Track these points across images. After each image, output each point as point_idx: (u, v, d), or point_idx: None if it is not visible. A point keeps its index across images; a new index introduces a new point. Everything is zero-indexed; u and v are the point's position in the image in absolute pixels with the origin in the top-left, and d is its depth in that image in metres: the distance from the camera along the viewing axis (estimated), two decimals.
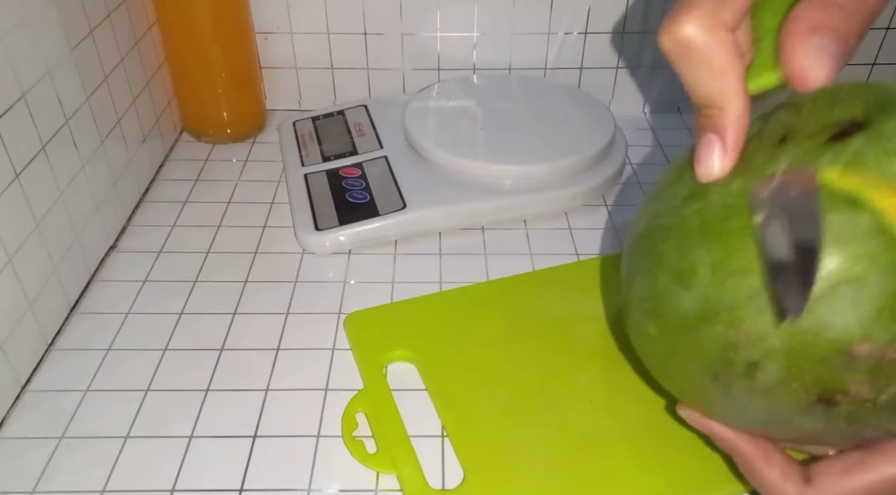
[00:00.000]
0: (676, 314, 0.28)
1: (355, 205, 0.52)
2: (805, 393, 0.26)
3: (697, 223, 0.28)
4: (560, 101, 0.61)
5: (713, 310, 0.27)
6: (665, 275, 0.28)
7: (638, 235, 0.31)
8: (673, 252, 0.28)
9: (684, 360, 0.29)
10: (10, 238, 0.39)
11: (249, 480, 0.35)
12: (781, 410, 0.27)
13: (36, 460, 0.36)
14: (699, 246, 0.27)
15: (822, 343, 0.24)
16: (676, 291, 0.28)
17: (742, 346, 0.26)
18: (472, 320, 0.44)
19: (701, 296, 0.27)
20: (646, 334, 0.31)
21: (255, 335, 0.44)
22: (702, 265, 0.27)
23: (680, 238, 0.28)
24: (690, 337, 0.28)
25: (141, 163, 0.56)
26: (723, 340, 0.27)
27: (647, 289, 0.30)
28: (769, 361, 0.26)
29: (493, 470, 0.35)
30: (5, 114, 0.38)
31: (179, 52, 0.60)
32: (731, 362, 0.27)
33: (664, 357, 0.30)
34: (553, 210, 0.54)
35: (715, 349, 0.27)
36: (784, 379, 0.26)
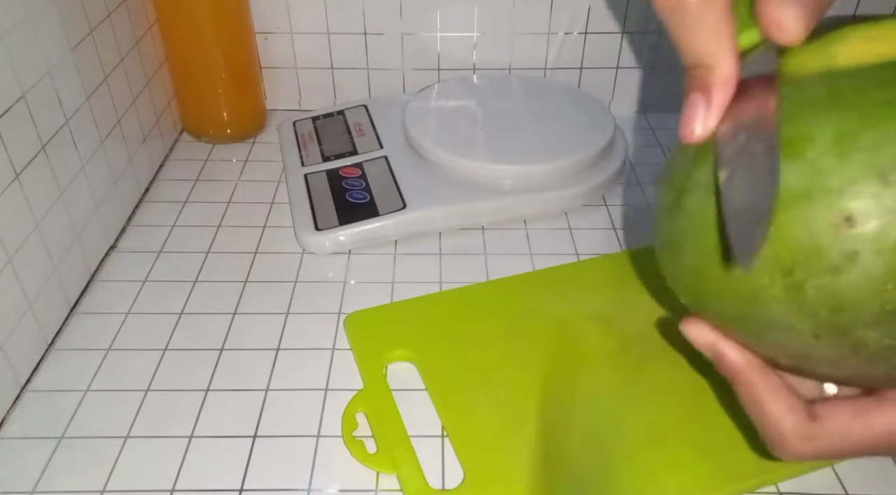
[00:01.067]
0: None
1: (355, 205, 0.52)
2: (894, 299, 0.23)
3: (824, 93, 0.24)
4: (560, 101, 0.61)
5: (823, 184, 0.23)
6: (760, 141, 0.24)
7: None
8: (783, 120, 0.24)
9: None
10: (10, 238, 0.39)
11: (249, 480, 0.36)
12: (850, 318, 0.24)
13: (36, 460, 0.36)
14: (824, 113, 0.24)
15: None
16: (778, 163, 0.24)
17: (846, 232, 0.23)
18: (472, 320, 0.44)
19: (812, 167, 0.23)
20: (706, 221, 0.26)
21: (255, 335, 0.44)
22: (822, 133, 0.23)
23: (793, 107, 0.25)
24: (780, 217, 0.24)
25: (141, 163, 0.56)
26: (821, 223, 0.23)
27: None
28: (873, 254, 0.23)
29: (493, 470, 0.35)
30: (5, 114, 0.38)
31: (179, 52, 0.60)
32: (821, 251, 0.23)
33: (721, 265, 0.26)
34: (553, 210, 0.54)
35: (804, 235, 0.23)
36: (881, 278, 0.23)
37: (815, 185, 0.23)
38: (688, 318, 0.29)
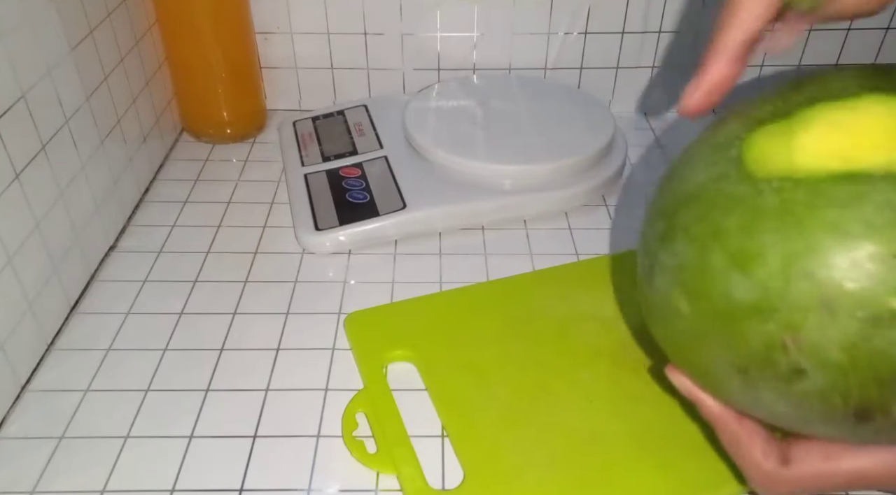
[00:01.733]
0: (724, 298, 0.25)
1: (355, 205, 0.52)
2: (843, 407, 0.24)
3: (778, 205, 0.24)
4: (560, 101, 0.61)
5: (772, 305, 0.24)
6: (720, 251, 0.25)
7: (685, 193, 0.28)
8: (737, 229, 0.25)
9: (713, 346, 0.26)
10: (10, 238, 0.39)
11: (249, 480, 0.35)
12: (805, 414, 0.26)
13: (36, 460, 0.36)
14: (774, 232, 0.24)
15: (889, 367, 0.23)
16: (730, 274, 0.25)
17: (794, 351, 0.24)
18: (472, 320, 0.44)
19: (761, 287, 0.24)
20: (673, 308, 0.28)
21: (255, 335, 0.44)
22: (772, 254, 0.24)
23: (750, 215, 0.25)
24: (734, 326, 0.25)
25: (141, 163, 0.56)
26: (771, 339, 0.24)
27: (691, 259, 0.26)
28: (819, 371, 0.24)
29: (493, 470, 0.35)
30: (5, 114, 0.38)
31: (179, 52, 0.60)
32: (774, 363, 0.25)
33: (687, 336, 0.28)
34: (553, 210, 0.54)
35: (759, 345, 0.25)
36: (828, 390, 0.24)
37: (765, 305, 0.24)
38: (671, 367, 0.31)
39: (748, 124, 0.27)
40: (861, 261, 0.23)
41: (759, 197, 0.25)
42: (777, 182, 0.25)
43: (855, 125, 0.24)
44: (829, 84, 0.27)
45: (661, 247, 0.28)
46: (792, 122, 0.26)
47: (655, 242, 0.29)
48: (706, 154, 0.28)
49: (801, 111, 0.26)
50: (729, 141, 0.27)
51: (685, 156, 0.30)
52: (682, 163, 0.29)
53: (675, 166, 0.30)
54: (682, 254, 0.27)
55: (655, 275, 0.29)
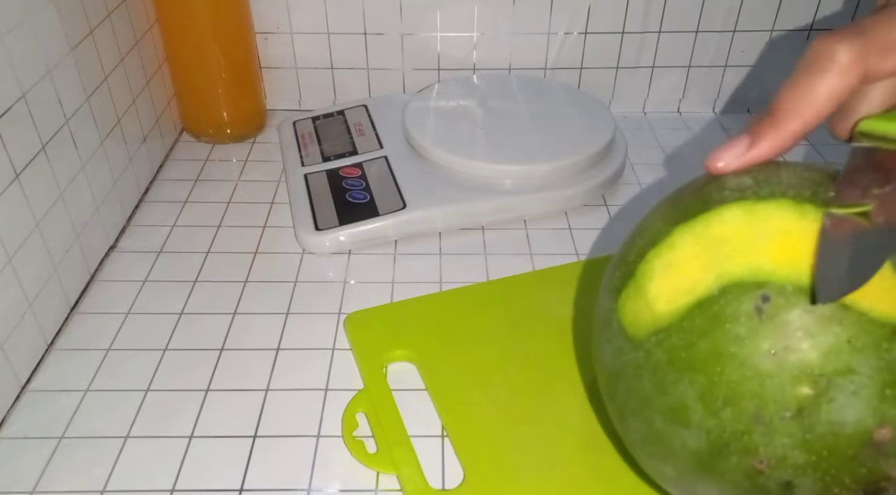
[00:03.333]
0: (686, 452, 0.26)
1: (355, 205, 0.52)
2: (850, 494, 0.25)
3: (665, 356, 0.26)
4: (560, 101, 0.61)
5: (721, 442, 0.25)
6: (657, 415, 0.27)
7: (609, 374, 0.30)
8: (654, 390, 0.27)
9: (712, 491, 0.27)
10: (10, 238, 0.39)
11: (249, 480, 0.36)
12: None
13: (36, 460, 0.36)
14: (678, 380, 0.26)
15: (844, 442, 0.23)
16: (676, 430, 0.26)
17: (768, 470, 0.25)
18: (472, 320, 0.44)
19: (703, 430, 0.25)
20: (662, 475, 0.29)
21: (255, 335, 0.44)
22: (690, 400, 0.25)
23: (653, 374, 0.27)
24: (712, 471, 0.26)
25: (141, 163, 0.56)
26: (745, 469, 0.25)
27: (645, 431, 0.28)
28: (802, 477, 0.24)
29: (493, 469, 0.35)
30: (5, 114, 0.38)
31: (179, 52, 0.60)
32: (764, 488, 0.25)
33: (688, 488, 0.28)
34: (553, 210, 0.54)
35: (741, 478, 0.25)
36: (824, 488, 0.24)
37: (717, 444, 0.25)
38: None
39: (612, 295, 0.29)
40: (754, 372, 0.24)
41: (650, 356, 0.27)
42: (654, 337, 0.26)
43: (678, 259, 0.26)
44: (647, 231, 0.29)
45: (623, 428, 0.30)
46: (637, 279, 0.28)
47: (618, 424, 0.30)
48: (600, 334, 0.30)
49: (639, 268, 0.28)
50: (607, 317, 0.29)
51: (592, 340, 0.32)
52: (594, 346, 0.31)
53: (592, 350, 0.32)
54: (637, 429, 0.28)
55: (635, 450, 0.30)
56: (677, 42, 0.65)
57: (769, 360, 0.24)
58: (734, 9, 0.63)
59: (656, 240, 0.28)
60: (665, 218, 0.28)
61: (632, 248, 0.29)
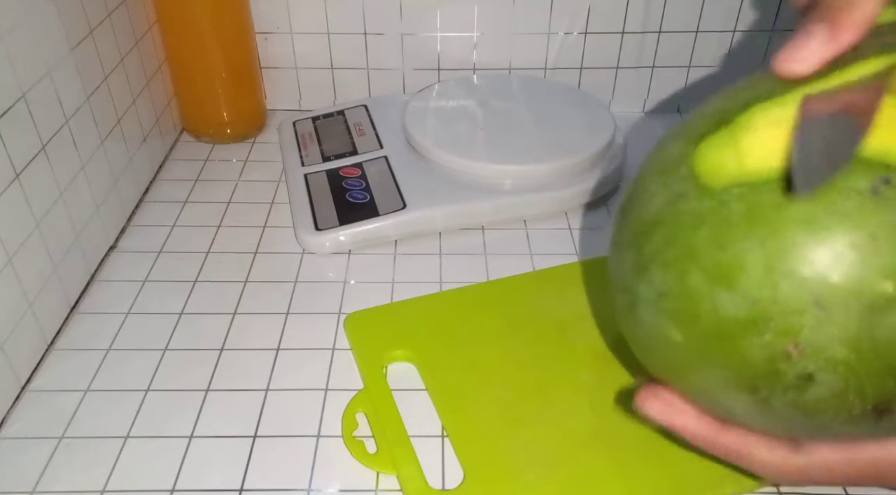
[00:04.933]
0: (713, 318, 0.24)
1: (355, 205, 0.52)
2: (860, 403, 0.24)
3: (745, 211, 0.24)
4: (560, 101, 0.61)
5: (764, 315, 0.23)
6: (697, 270, 0.24)
7: (647, 221, 0.27)
8: (709, 243, 0.24)
9: (715, 369, 0.26)
10: (10, 238, 0.39)
11: (249, 480, 0.36)
12: (824, 420, 0.25)
13: (36, 460, 0.36)
14: (747, 237, 0.23)
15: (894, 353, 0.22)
16: (714, 291, 0.24)
17: (797, 357, 0.23)
18: (472, 320, 0.44)
19: (748, 298, 0.23)
20: (664, 338, 0.27)
21: (255, 335, 0.44)
22: (752, 262, 0.23)
23: (719, 227, 0.24)
24: (730, 345, 0.24)
25: (141, 163, 0.56)
26: (773, 350, 0.24)
27: (671, 285, 0.26)
28: (828, 372, 0.23)
29: (493, 470, 0.35)
30: (5, 114, 0.38)
31: (179, 52, 0.60)
32: (779, 373, 0.24)
33: (685, 364, 0.27)
34: (553, 210, 0.54)
35: (760, 359, 0.24)
36: (841, 389, 0.23)
37: (758, 316, 0.24)
38: (640, 398, 0.29)
39: (691, 141, 0.27)
40: (841, 251, 0.22)
41: (723, 208, 0.24)
42: (737, 189, 0.24)
43: (790, 119, 0.24)
44: (756, 87, 0.26)
45: (637, 280, 0.27)
46: (733, 128, 0.25)
47: (630, 275, 0.28)
48: (656, 179, 0.27)
49: (738, 117, 0.25)
50: (676, 161, 0.27)
51: (635, 188, 0.29)
52: (634, 194, 0.29)
53: (628, 198, 0.29)
54: (661, 282, 0.26)
55: (638, 308, 0.28)
56: (677, 42, 0.65)
57: (862, 249, 0.22)
58: (734, 9, 0.63)
59: (768, 96, 0.25)
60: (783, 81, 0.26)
61: (732, 99, 0.26)
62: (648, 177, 0.28)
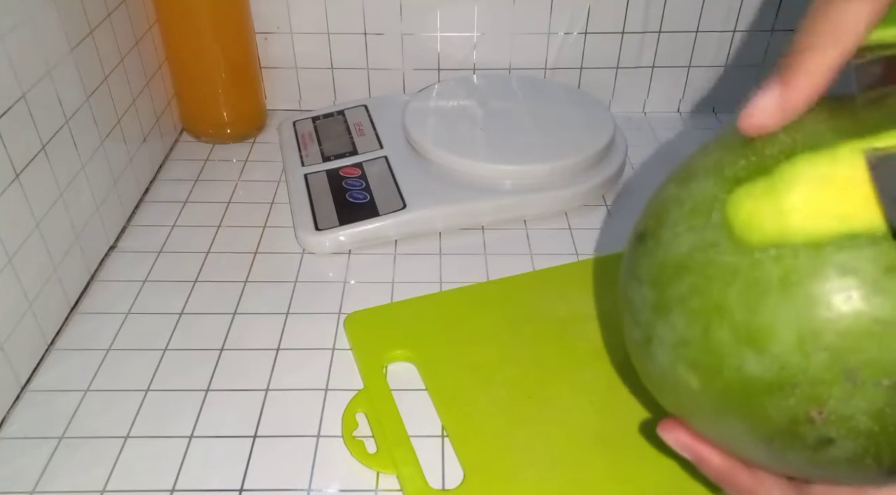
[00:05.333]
0: (737, 375, 0.24)
1: (355, 205, 0.52)
2: (876, 467, 0.23)
3: (780, 275, 0.23)
4: (560, 101, 0.61)
5: (792, 381, 0.23)
6: (725, 327, 0.24)
7: (672, 262, 0.26)
8: (739, 303, 0.23)
9: (730, 419, 0.25)
10: (10, 238, 0.39)
11: (249, 480, 0.36)
12: (834, 473, 0.25)
13: (36, 460, 0.36)
14: (782, 306, 0.22)
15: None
16: (741, 350, 0.23)
17: (820, 423, 0.23)
18: (472, 320, 0.44)
19: (777, 363, 0.23)
20: (681, 383, 0.26)
21: (255, 335, 0.44)
22: (784, 329, 0.22)
23: (751, 288, 0.23)
24: (752, 402, 0.24)
25: (141, 163, 0.56)
26: (796, 413, 0.23)
27: (693, 335, 0.25)
28: (848, 440, 0.23)
29: (493, 470, 0.35)
30: (5, 114, 0.38)
31: (179, 52, 0.60)
32: (800, 435, 0.23)
33: (700, 408, 0.26)
34: (553, 210, 0.54)
35: (783, 420, 0.23)
36: (859, 455, 0.23)
37: (785, 381, 0.23)
38: (665, 424, 0.29)
39: (725, 183, 0.25)
40: (882, 328, 0.22)
41: (757, 268, 0.23)
42: (774, 250, 0.23)
43: (842, 178, 0.23)
44: (802, 131, 0.24)
45: (657, 319, 0.26)
46: (774, 179, 0.24)
47: (648, 313, 0.27)
48: (685, 217, 0.26)
49: (780, 168, 0.24)
50: (708, 203, 0.25)
51: (658, 217, 0.27)
52: (658, 225, 0.27)
53: (650, 227, 0.28)
54: (683, 329, 0.25)
55: (653, 346, 0.27)
56: (677, 42, 0.65)
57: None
58: (734, 9, 0.63)
59: (815, 146, 0.23)
60: (831, 124, 0.24)
61: (774, 142, 0.25)
62: (675, 212, 0.26)
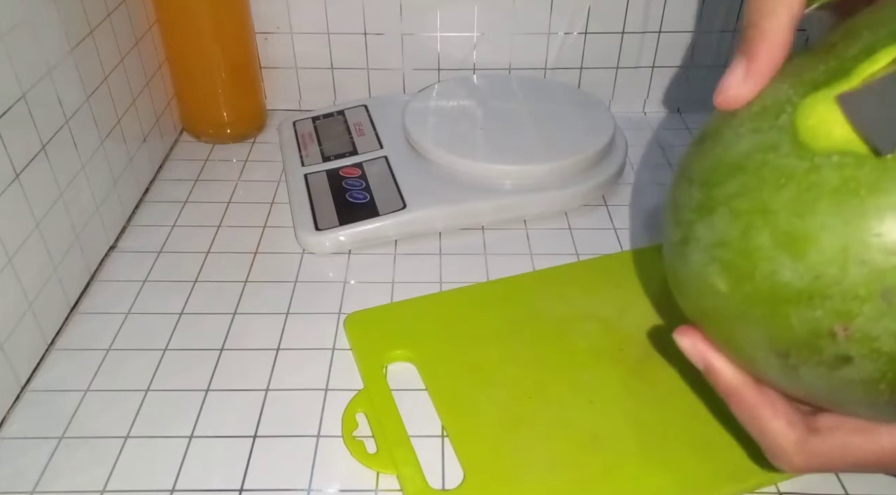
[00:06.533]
0: (768, 281, 0.23)
1: (355, 205, 0.52)
2: (889, 394, 0.23)
3: (837, 183, 0.22)
4: (560, 101, 0.61)
5: (823, 292, 0.22)
6: (768, 230, 0.23)
7: (726, 162, 0.25)
8: (788, 207, 0.22)
9: (751, 327, 0.25)
10: (10, 238, 0.39)
11: (249, 480, 0.36)
12: (845, 397, 0.24)
13: (36, 460, 0.36)
14: (832, 213, 0.22)
15: None
16: (778, 255, 0.23)
17: (842, 339, 0.22)
18: (472, 320, 0.44)
19: (812, 272, 0.22)
20: (709, 285, 0.25)
21: (255, 335, 0.44)
22: (828, 238, 0.22)
23: (803, 193, 0.22)
24: (777, 310, 0.23)
25: (141, 163, 0.56)
26: (819, 326, 0.23)
27: (732, 236, 0.24)
28: (867, 361, 0.22)
29: (493, 470, 0.35)
30: (5, 114, 0.38)
31: (179, 52, 0.60)
32: (819, 349, 0.23)
33: (722, 314, 0.26)
34: (553, 210, 0.54)
35: (804, 331, 0.23)
36: (874, 378, 0.23)
37: (816, 292, 0.22)
38: (682, 329, 0.29)
39: (801, 87, 0.24)
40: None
41: (815, 173, 0.22)
42: (837, 157, 0.22)
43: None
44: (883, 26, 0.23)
45: (698, 219, 0.26)
46: (852, 81, 0.22)
47: (690, 212, 0.26)
48: (751, 118, 0.25)
49: (859, 68, 0.22)
50: (779, 105, 0.24)
51: (724, 118, 0.26)
52: (722, 124, 0.26)
53: (713, 127, 0.27)
54: (723, 229, 0.24)
55: (690, 247, 0.26)
56: (677, 42, 0.65)
57: None
58: (734, 9, 0.63)
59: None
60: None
61: (854, 38, 0.23)
62: (742, 113, 0.26)
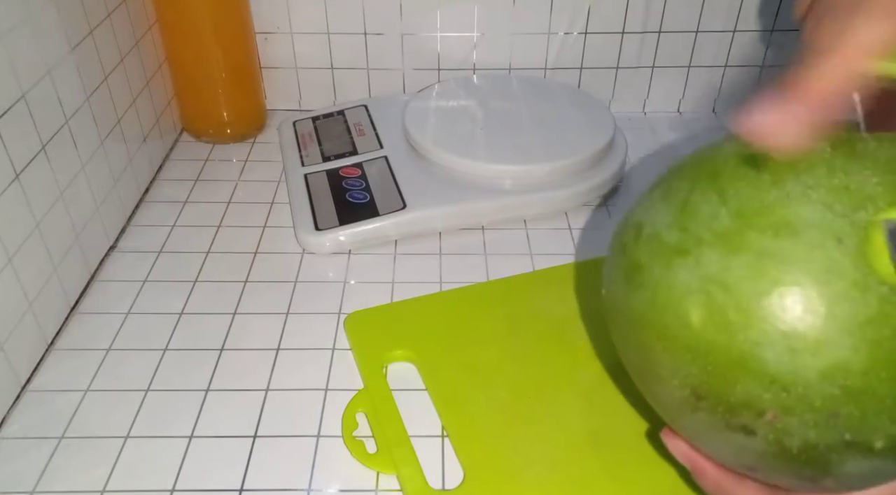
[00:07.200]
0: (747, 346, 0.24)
1: (355, 205, 0.52)
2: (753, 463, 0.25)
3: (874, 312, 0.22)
4: (560, 100, 0.61)
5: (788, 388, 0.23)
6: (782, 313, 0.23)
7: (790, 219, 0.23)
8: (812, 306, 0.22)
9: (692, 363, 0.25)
10: (10, 238, 0.39)
11: (249, 480, 0.36)
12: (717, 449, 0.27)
13: (36, 460, 0.36)
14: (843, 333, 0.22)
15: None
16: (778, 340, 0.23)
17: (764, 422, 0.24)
18: (472, 320, 0.44)
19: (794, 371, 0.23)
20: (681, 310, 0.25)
21: (255, 335, 0.44)
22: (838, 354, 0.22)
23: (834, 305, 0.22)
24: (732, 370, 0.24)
25: (141, 163, 0.56)
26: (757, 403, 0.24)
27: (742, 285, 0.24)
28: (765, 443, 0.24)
29: (493, 470, 0.35)
30: (5, 114, 0.38)
31: (179, 52, 0.60)
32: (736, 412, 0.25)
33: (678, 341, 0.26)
34: (553, 210, 0.54)
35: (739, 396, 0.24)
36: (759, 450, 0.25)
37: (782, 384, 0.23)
38: (669, 433, 0.31)
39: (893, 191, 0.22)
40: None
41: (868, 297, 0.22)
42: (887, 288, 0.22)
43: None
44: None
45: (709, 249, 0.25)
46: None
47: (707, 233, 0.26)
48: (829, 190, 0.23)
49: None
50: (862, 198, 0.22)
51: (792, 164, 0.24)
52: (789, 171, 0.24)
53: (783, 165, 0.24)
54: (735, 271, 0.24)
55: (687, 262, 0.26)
56: (677, 42, 0.65)
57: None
58: (734, 9, 0.63)
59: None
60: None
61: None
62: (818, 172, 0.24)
